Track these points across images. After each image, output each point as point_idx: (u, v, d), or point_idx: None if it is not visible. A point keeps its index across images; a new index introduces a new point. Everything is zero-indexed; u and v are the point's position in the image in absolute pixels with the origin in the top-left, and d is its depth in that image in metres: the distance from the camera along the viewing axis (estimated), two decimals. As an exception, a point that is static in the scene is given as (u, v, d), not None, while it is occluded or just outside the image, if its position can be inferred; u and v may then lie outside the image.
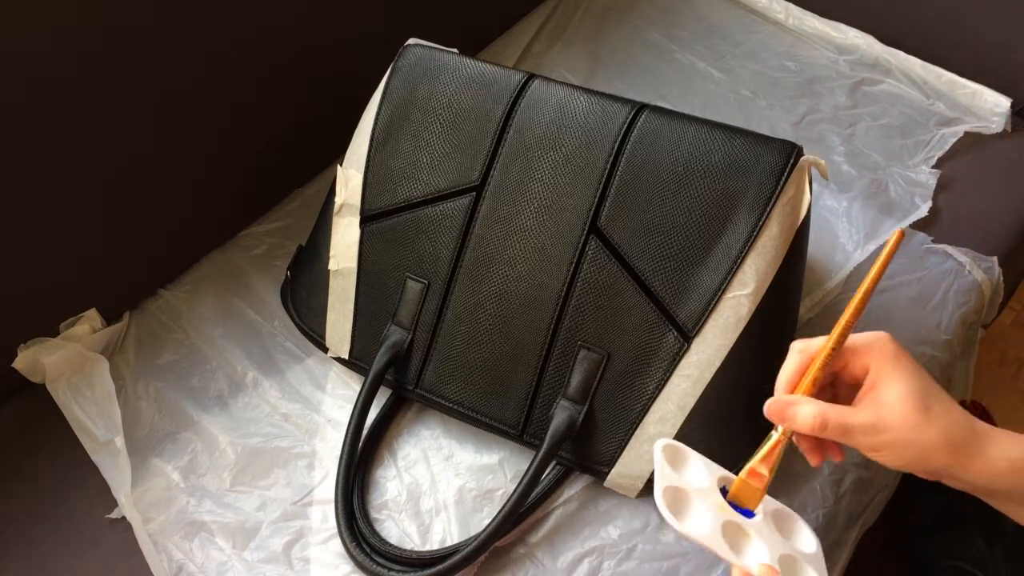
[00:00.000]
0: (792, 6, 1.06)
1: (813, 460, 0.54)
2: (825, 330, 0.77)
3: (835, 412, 0.50)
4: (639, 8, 1.10)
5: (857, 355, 0.51)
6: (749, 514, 0.54)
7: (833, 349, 0.51)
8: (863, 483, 0.71)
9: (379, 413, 0.74)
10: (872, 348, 0.51)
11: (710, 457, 0.66)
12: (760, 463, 0.53)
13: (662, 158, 0.67)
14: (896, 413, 0.49)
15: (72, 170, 0.73)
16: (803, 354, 0.53)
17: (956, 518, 0.93)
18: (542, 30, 1.07)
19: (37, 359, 0.77)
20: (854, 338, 0.52)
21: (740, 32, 1.06)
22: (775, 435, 0.53)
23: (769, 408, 0.53)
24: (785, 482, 0.69)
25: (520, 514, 0.68)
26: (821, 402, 0.51)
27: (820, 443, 0.54)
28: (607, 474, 0.69)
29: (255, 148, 0.87)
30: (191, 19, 0.74)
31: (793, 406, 0.51)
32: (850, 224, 0.85)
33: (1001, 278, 0.83)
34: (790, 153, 0.65)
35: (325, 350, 0.78)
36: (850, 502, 0.70)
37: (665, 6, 1.10)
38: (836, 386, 0.54)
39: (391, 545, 0.68)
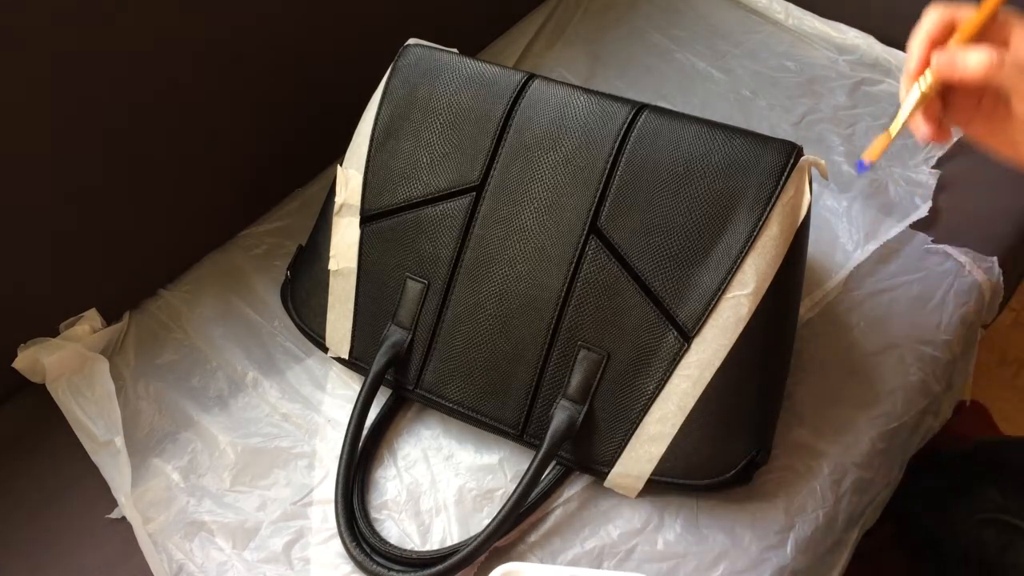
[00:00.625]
0: (792, 6, 1.06)
1: (927, 130, 0.53)
2: (826, 331, 0.77)
3: (1005, 52, 0.49)
4: (639, 8, 1.10)
5: (998, 27, 0.51)
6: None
7: (993, 12, 0.51)
8: (863, 483, 0.71)
9: (379, 413, 0.74)
10: (1014, 23, 0.50)
11: (711, 457, 0.66)
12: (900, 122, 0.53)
13: (662, 158, 0.67)
14: None
15: (72, 170, 0.73)
16: (942, 12, 0.52)
17: (964, 486, 0.92)
18: (542, 30, 1.07)
19: (37, 359, 0.77)
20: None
21: (740, 32, 1.06)
22: (924, 90, 0.52)
23: (939, 59, 0.51)
24: (785, 482, 0.69)
25: (520, 514, 0.68)
26: (993, 46, 0.49)
27: (938, 116, 0.54)
28: (607, 474, 0.69)
29: (255, 148, 0.87)
30: (191, 18, 0.74)
31: (960, 54, 0.50)
32: (850, 224, 0.85)
33: (1001, 278, 0.83)
34: (790, 153, 0.65)
35: (325, 350, 0.78)
36: (850, 502, 0.70)
37: (665, 6, 1.10)
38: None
39: (391, 545, 0.68)
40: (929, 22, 0.52)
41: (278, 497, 0.72)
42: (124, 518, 0.72)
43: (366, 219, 0.75)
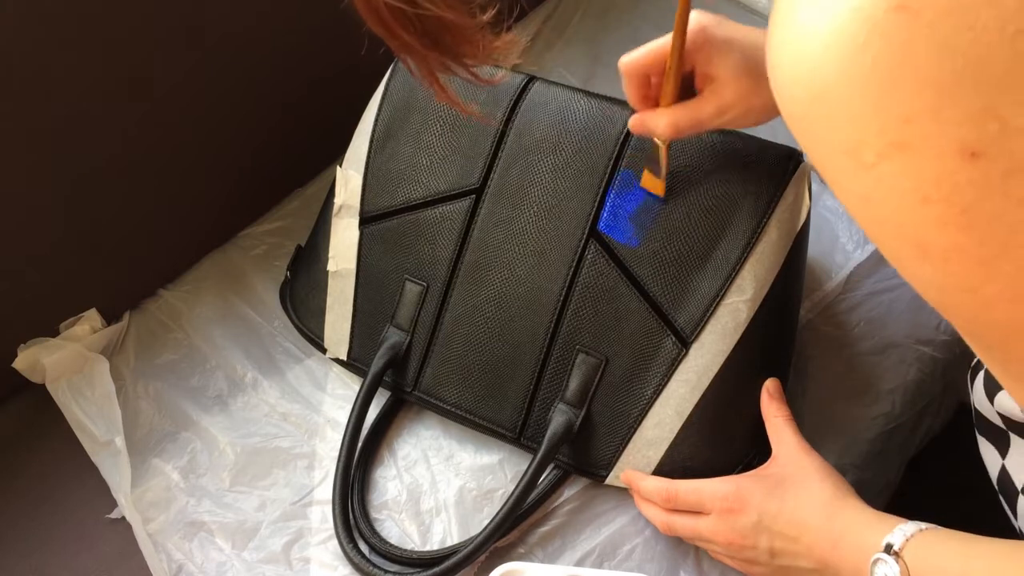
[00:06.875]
0: (792, 6, 1.06)
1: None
2: (825, 331, 0.77)
3: (684, 113, 0.58)
4: (639, 8, 1.09)
5: (687, 58, 0.58)
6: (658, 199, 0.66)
7: (671, 68, 0.58)
8: (862, 484, 0.71)
9: (379, 413, 0.74)
10: (693, 49, 0.57)
11: (709, 461, 0.66)
12: (653, 163, 0.64)
13: (662, 162, 0.67)
14: (732, 90, 0.57)
15: (71, 170, 0.73)
16: (633, 73, 0.60)
17: None
18: (542, 30, 1.07)
19: (37, 359, 0.77)
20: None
21: (740, 31, 1.05)
22: (658, 142, 0.62)
23: (633, 126, 0.61)
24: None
25: (520, 515, 0.68)
26: (671, 109, 0.59)
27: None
28: (605, 477, 0.69)
29: (254, 148, 0.87)
30: (191, 18, 0.74)
31: (648, 121, 0.60)
32: (850, 224, 0.85)
33: (1001, 279, 0.83)
34: (790, 158, 0.65)
35: (323, 351, 0.78)
36: (848, 504, 0.70)
37: (665, 6, 1.09)
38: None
39: (391, 545, 0.68)
40: (630, 89, 0.61)
41: (278, 497, 0.72)
42: (124, 518, 0.72)
43: (365, 220, 0.75)
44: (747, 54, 0.57)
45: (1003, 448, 0.58)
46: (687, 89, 0.60)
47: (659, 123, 0.59)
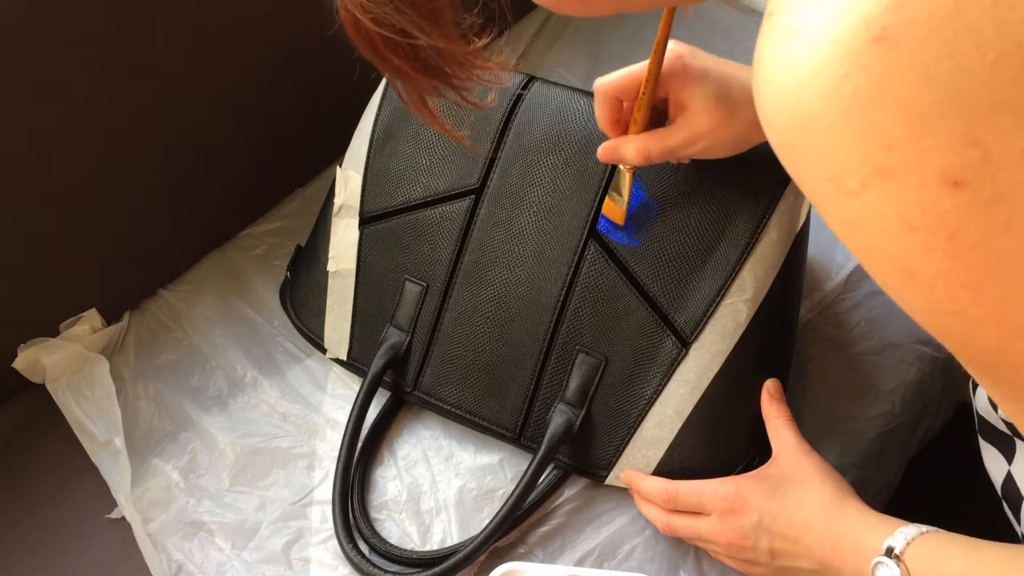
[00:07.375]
0: (792, 6, 1.06)
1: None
2: (825, 331, 0.77)
3: (654, 141, 0.58)
4: (639, 7, 1.09)
5: (661, 85, 0.58)
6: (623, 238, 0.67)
7: (645, 94, 0.58)
8: (863, 483, 0.71)
9: (379, 413, 0.74)
10: (668, 76, 0.58)
11: (709, 461, 0.66)
12: (616, 191, 0.65)
13: (662, 163, 0.66)
14: (704, 120, 0.57)
15: (71, 170, 0.73)
16: (606, 96, 0.60)
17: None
18: (542, 30, 1.07)
19: (37, 359, 0.77)
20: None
21: (740, 32, 1.05)
22: (623, 169, 0.63)
23: (602, 154, 0.61)
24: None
25: (520, 515, 0.68)
26: (642, 136, 0.59)
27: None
28: (605, 477, 0.69)
29: (255, 148, 0.87)
30: (191, 18, 0.74)
31: (620, 149, 0.60)
32: (850, 225, 0.85)
33: (1001, 279, 0.83)
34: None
35: (323, 351, 0.78)
36: (848, 504, 0.70)
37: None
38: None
39: (391, 545, 0.68)
40: (601, 113, 0.61)
41: (277, 497, 0.72)
42: (124, 518, 0.72)
43: (365, 220, 0.75)
44: (722, 85, 0.57)
45: (1009, 454, 0.58)
46: (657, 118, 0.60)
47: (629, 150, 0.59)
